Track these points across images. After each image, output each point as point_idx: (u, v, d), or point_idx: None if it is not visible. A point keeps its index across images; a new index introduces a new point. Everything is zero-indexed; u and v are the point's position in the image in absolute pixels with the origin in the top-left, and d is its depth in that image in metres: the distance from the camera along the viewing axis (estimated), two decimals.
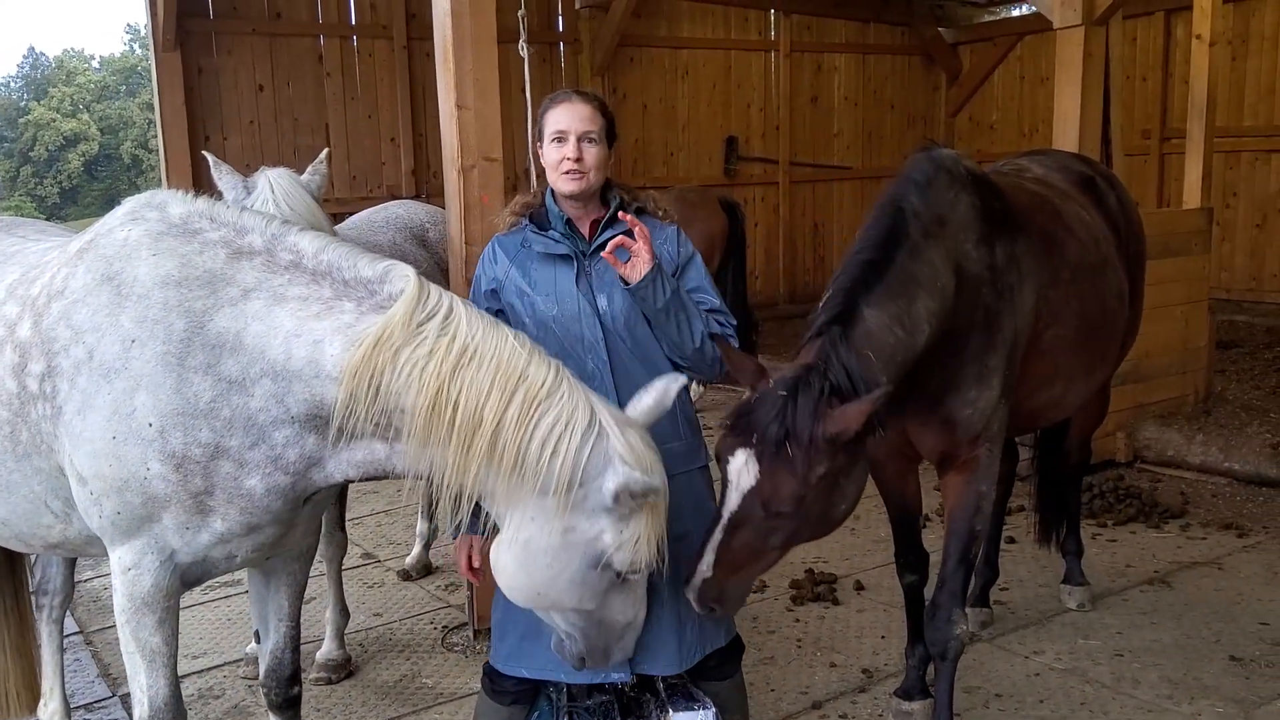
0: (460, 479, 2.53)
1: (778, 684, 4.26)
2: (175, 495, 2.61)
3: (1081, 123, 6.22)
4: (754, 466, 2.86)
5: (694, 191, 9.36)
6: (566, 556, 2.55)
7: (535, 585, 2.62)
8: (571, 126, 3.00)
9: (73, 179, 54.94)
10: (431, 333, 2.53)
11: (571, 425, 2.50)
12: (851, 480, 2.99)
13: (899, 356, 3.16)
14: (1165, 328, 7.03)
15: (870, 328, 3.11)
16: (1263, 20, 11.32)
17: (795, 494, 2.84)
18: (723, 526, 2.90)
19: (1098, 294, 4.03)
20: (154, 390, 2.57)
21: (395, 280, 2.63)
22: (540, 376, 2.53)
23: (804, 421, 2.83)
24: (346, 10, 10.56)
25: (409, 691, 4.36)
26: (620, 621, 2.73)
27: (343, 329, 2.56)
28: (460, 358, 2.51)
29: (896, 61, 14.10)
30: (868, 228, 3.38)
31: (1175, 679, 4.19)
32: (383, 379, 2.50)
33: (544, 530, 2.54)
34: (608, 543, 2.55)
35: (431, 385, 2.48)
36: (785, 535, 2.96)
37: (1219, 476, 6.61)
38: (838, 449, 2.86)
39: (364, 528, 6.36)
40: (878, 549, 5.64)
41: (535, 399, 2.50)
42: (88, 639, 5.01)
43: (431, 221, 5.21)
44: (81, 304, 2.66)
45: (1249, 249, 11.56)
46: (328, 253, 2.68)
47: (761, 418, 2.87)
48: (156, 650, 2.82)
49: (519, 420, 2.48)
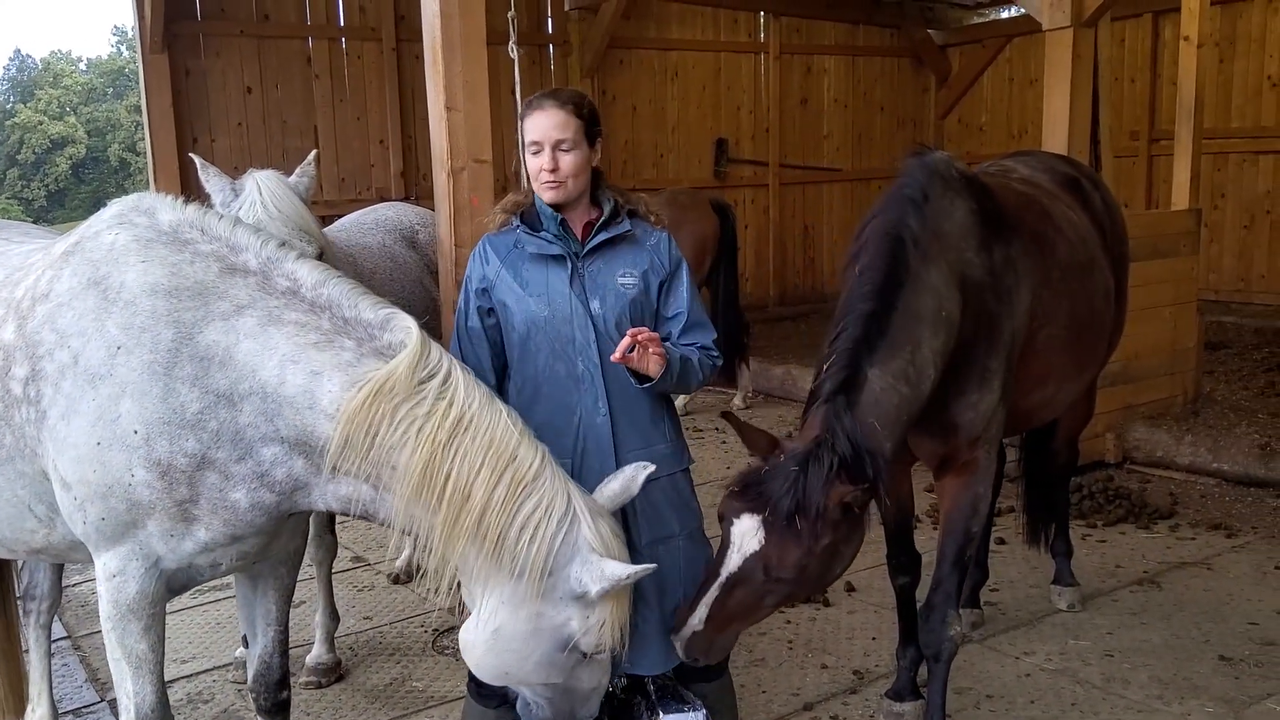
0: (445, 549, 2.56)
1: (769, 685, 4.26)
2: (160, 503, 2.60)
3: (1070, 124, 6.23)
4: (761, 534, 2.93)
5: (685, 193, 9.34)
6: (535, 642, 2.61)
7: (503, 667, 2.68)
8: (545, 136, 2.98)
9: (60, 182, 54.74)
10: (431, 393, 2.54)
11: (550, 512, 2.54)
12: (850, 546, 3.06)
13: (904, 415, 3.22)
14: (1154, 329, 7.06)
15: (875, 393, 3.15)
16: (1250, 22, 11.37)
17: (799, 563, 2.92)
18: (720, 584, 2.96)
19: (1087, 293, 4.05)
20: (139, 398, 2.55)
21: (396, 330, 2.63)
22: (529, 459, 2.57)
23: (814, 495, 2.89)
24: (335, 12, 10.52)
25: (399, 695, 4.35)
26: (586, 688, 2.79)
27: (343, 366, 2.55)
28: (456, 426, 2.53)
29: (886, 63, 14.12)
30: (866, 266, 3.37)
31: (1165, 679, 4.20)
32: (379, 430, 2.51)
33: (514, 617, 2.58)
34: (574, 629, 2.60)
35: (426, 449, 2.50)
36: (780, 596, 3.03)
37: (1208, 477, 6.63)
38: (841, 520, 2.94)
39: (354, 531, 6.34)
40: (868, 550, 5.58)
41: (522, 481, 2.54)
42: (76, 644, 4.98)
43: (421, 223, 5.20)
44: (67, 308, 2.64)
45: (1237, 250, 11.60)
46: (328, 287, 2.67)
47: (775, 489, 2.93)
48: (142, 657, 2.81)
49: (505, 502, 2.52)
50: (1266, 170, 11.36)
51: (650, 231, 3.15)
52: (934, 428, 3.55)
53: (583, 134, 3.01)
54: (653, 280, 3.09)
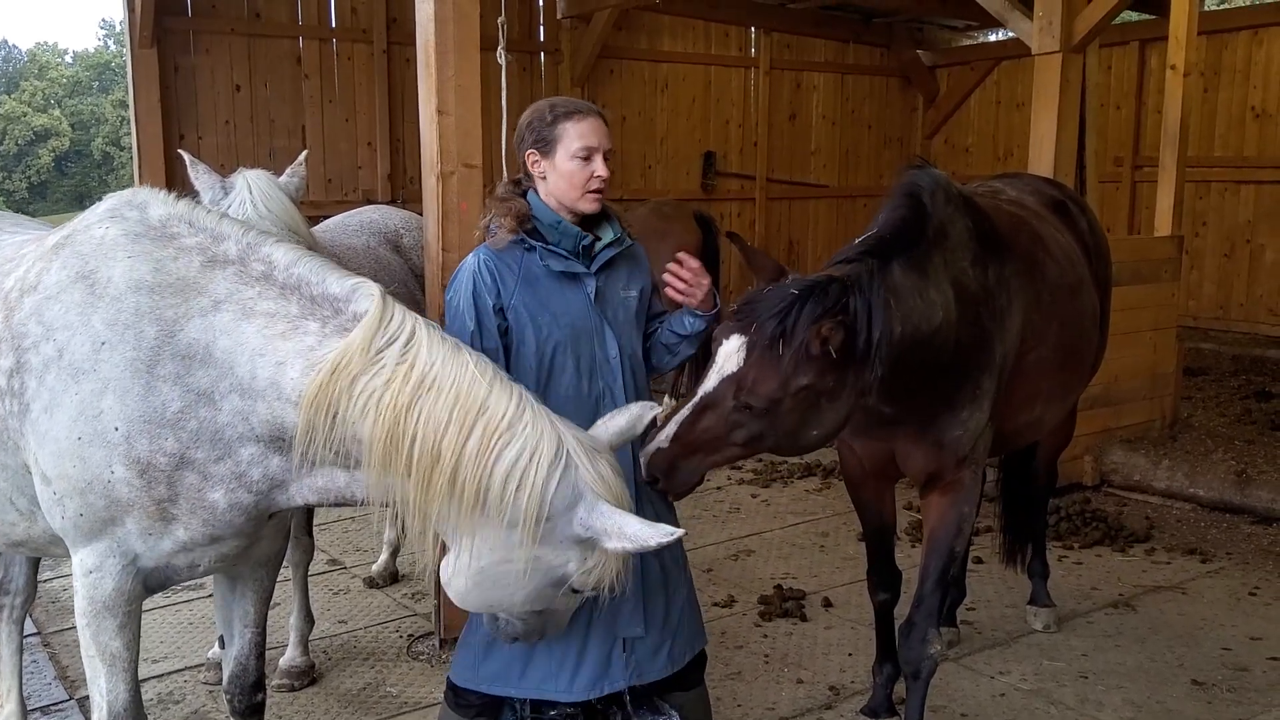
0: (421, 514, 2.49)
1: (744, 699, 4.25)
2: (138, 500, 2.57)
3: (1057, 148, 6.29)
4: (741, 354, 2.84)
5: (669, 205, 9.38)
6: (529, 580, 2.55)
7: (489, 601, 2.63)
8: (600, 143, 2.95)
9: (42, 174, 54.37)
10: (390, 360, 2.48)
11: (536, 458, 2.45)
12: (831, 409, 2.94)
13: (915, 321, 3.13)
14: (1134, 353, 7.11)
15: (897, 281, 3.10)
16: (1235, 53, 11.50)
17: (772, 395, 2.82)
18: (693, 405, 2.88)
19: (1075, 316, 4.06)
20: (122, 395, 2.53)
21: (361, 299, 2.58)
22: (501, 408, 2.48)
23: (804, 325, 2.79)
24: (326, 13, 10.49)
25: (373, 700, 4.32)
26: (563, 611, 2.75)
27: (304, 352, 2.52)
28: (418, 388, 2.46)
29: (875, 82, 14.19)
30: (892, 209, 3.34)
31: (1139, 702, 4.21)
32: (339, 408, 2.46)
33: (508, 559, 2.51)
34: (572, 570, 2.54)
35: (388, 416, 2.44)
36: (749, 434, 2.91)
37: (1183, 502, 6.68)
38: (828, 367, 2.83)
39: (331, 533, 6.31)
40: (847, 566, 5.65)
41: (496, 432, 2.45)
42: (45, 640, 4.92)
43: (406, 227, 5.18)
44: (54, 300, 2.62)
45: (1217, 278, 11.70)
46: (299, 266, 2.64)
47: (764, 309, 2.84)
48: (117, 655, 2.77)
49: (479, 455, 2.43)
50: (1248, 199, 11.47)
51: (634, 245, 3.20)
52: (923, 443, 3.55)
53: None
54: (645, 294, 3.19)
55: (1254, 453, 7.04)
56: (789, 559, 5.84)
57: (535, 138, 2.99)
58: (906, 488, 5.12)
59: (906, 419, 3.46)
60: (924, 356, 3.23)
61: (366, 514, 6.61)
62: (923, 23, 13.94)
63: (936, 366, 3.32)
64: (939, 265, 3.32)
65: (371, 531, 6.28)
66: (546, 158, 2.98)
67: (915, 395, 3.36)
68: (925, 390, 3.39)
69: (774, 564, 5.75)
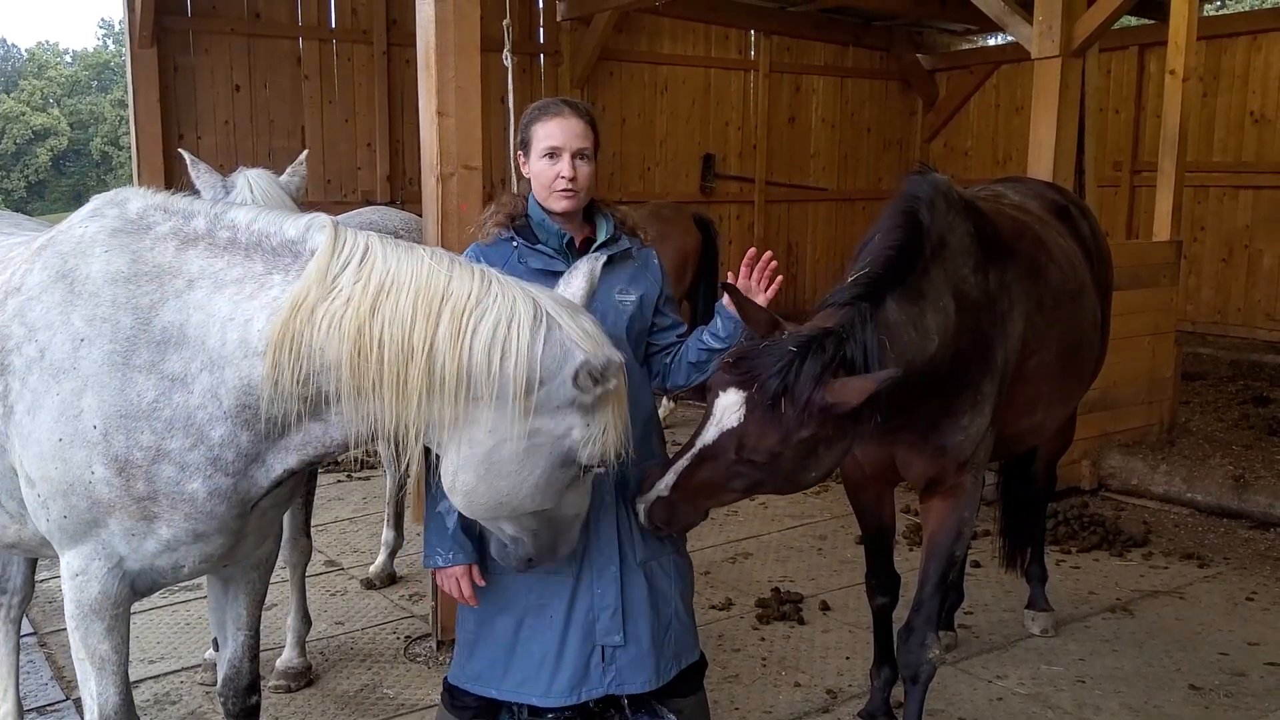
0: (402, 418, 2.41)
1: (742, 703, 4.25)
2: (119, 500, 2.56)
3: (1056, 152, 6.30)
4: (741, 410, 2.84)
5: (668, 207, 9.37)
6: (533, 460, 2.49)
7: (498, 495, 2.54)
8: (566, 143, 2.95)
9: (40, 173, 54.33)
10: (346, 281, 2.44)
11: (515, 323, 2.40)
12: (831, 452, 2.96)
13: (909, 356, 3.13)
14: (1132, 358, 7.11)
15: (891, 319, 3.09)
16: (1234, 59, 11.52)
17: (773, 450, 2.83)
18: (692, 455, 2.89)
19: (1077, 320, 4.06)
20: (100, 392, 2.52)
21: (314, 234, 2.56)
22: (466, 288, 2.43)
23: (806, 382, 2.79)
24: (327, 13, 10.49)
25: (369, 702, 4.31)
26: (570, 515, 2.70)
27: (269, 304, 2.49)
28: (377, 298, 2.41)
29: (874, 86, 14.20)
30: (887, 232, 3.34)
31: (1136, 707, 4.21)
32: (303, 340, 2.41)
33: (507, 439, 2.44)
34: (576, 438, 2.49)
35: (350, 329, 2.39)
36: (748, 482, 2.93)
37: (1181, 506, 6.68)
38: (829, 419, 2.83)
39: (328, 534, 6.30)
40: (844, 570, 5.65)
41: (465, 310, 2.40)
42: (42, 640, 4.91)
43: (405, 228, 5.18)
44: (36, 301, 2.61)
45: (1215, 283, 11.72)
46: (258, 221, 2.61)
47: (764, 366, 2.83)
48: (105, 657, 2.76)
49: (454, 338, 2.38)
50: (1246, 204, 11.49)
51: (640, 248, 3.17)
52: (925, 448, 3.55)
53: (594, 147, 3.02)
54: (648, 301, 3.12)
55: (1251, 458, 7.05)
56: (787, 562, 5.83)
57: (519, 139, 3.07)
58: (905, 491, 5.11)
59: (908, 427, 3.46)
60: (922, 379, 3.24)
61: (364, 515, 6.62)
62: (922, 26, 13.95)
63: (935, 380, 3.32)
64: (938, 280, 3.31)
65: (369, 533, 6.28)
66: (526, 159, 3.04)
67: (915, 408, 3.36)
68: (925, 403, 3.39)
69: (772, 567, 5.75)
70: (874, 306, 3.04)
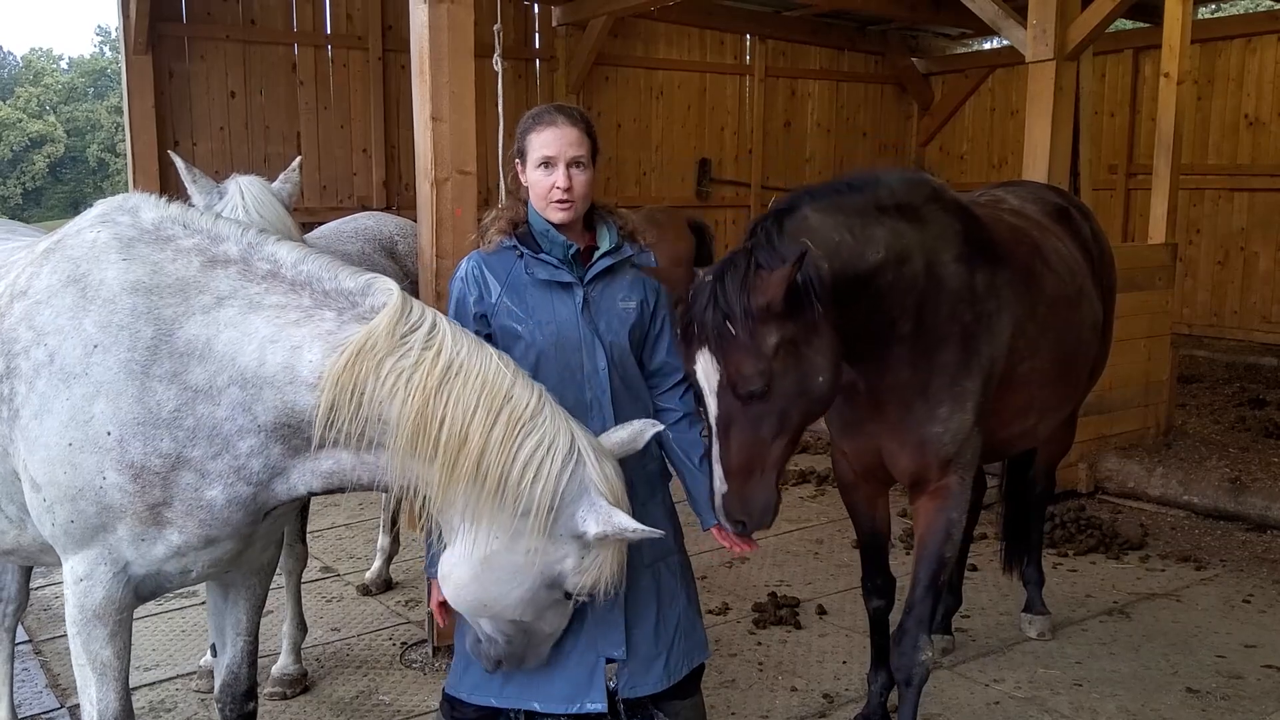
0: (444, 496, 2.51)
1: (738, 707, 4.24)
2: (131, 506, 2.56)
3: (1051, 155, 6.30)
4: (711, 362, 2.87)
5: (662, 212, 9.37)
6: (525, 575, 2.58)
7: (485, 597, 2.64)
8: (560, 152, 2.92)
9: (36, 180, 54.22)
10: (416, 344, 2.51)
11: (553, 450, 2.51)
12: (816, 350, 2.96)
13: (844, 255, 3.10)
14: (1128, 361, 7.11)
15: (811, 223, 3.09)
16: (1228, 61, 11.55)
17: (756, 369, 2.84)
18: (716, 435, 2.92)
19: (1073, 326, 4.06)
20: (114, 398, 2.51)
21: (378, 293, 2.61)
22: (525, 399, 2.54)
23: (733, 298, 2.83)
24: (322, 20, 10.50)
25: (365, 708, 4.30)
26: (546, 632, 2.79)
27: (323, 335, 2.53)
28: (446, 372, 2.50)
29: (870, 90, 14.23)
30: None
31: (1133, 710, 4.21)
32: (366, 387, 2.47)
33: (511, 549, 2.55)
34: (568, 567, 2.59)
35: (418, 397, 2.47)
36: (775, 420, 2.93)
37: (1178, 509, 6.68)
38: (783, 318, 2.85)
39: (324, 541, 6.29)
40: (841, 574, 5.65)
41: (520, 420, 2.51)
42: (37, 648, 4.90)
43: (401, 234, 5.18)
44: (45, 305, 2.61)
45: (1210, 286, 11.74)
46: (307, 263, 2.65)
47: (699, 309, 2.89)
48: (107, 663, 2.76)
49: (504, 441, 2.48)
50: (1241, 207, 11.52)
51: (640, 252, 3.16)
52: (907, 442, 3.55)
53: (590, 154, 2.99)
54: (647, 307, 3.12)
55: (1248, 460, 7.05)
56: (783, 566, 5.83)
57: (516, 148, 3.05)
58: (900, 495, 5.11)
59: (885, 406, 3.47)
60: (874, 303, 3.22)
61: (360, 521, 6.61)
62: (917, 30, 13.98)
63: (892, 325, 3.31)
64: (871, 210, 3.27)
65: (365, 539, 6.27)
66: (523, 168, 3.02)
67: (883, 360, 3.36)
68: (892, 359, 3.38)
69: (768, 571, 5.74)
70: (781, 219, 3.05)
